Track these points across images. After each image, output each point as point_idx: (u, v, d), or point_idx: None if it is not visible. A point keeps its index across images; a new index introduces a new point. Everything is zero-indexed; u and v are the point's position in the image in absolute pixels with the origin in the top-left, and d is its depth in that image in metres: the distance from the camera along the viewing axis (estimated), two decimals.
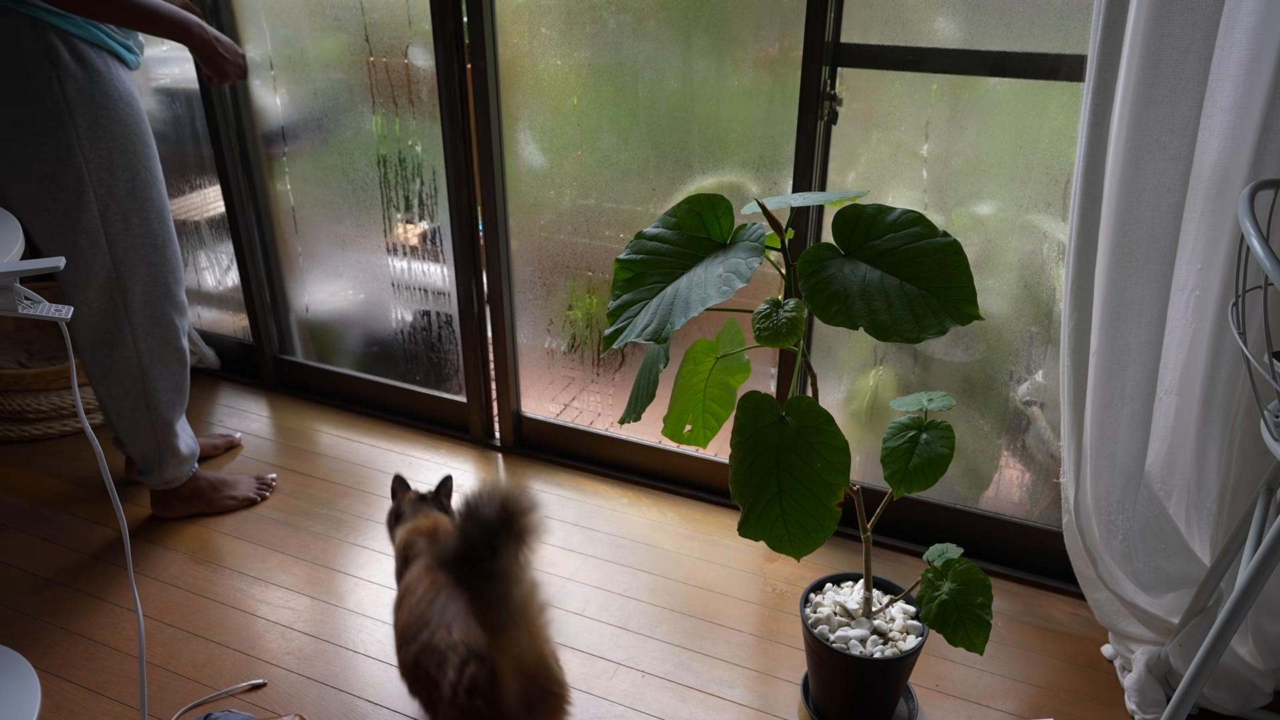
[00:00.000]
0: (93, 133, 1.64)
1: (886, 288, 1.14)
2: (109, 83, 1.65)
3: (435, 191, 2.21)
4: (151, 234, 1.78)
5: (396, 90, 2.14)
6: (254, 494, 2.13)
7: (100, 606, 1.82)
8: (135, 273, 1.78)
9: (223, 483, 2.11)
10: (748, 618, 1.82)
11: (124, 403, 1.88)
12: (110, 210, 1.71)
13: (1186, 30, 1.28)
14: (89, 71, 1.61)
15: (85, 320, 1.79)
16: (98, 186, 1.68)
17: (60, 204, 1.67)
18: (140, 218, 1.75)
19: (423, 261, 2.32)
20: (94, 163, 1.66)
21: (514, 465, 2.31)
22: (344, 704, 1.61)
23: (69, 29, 1.58)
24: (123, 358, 1.84)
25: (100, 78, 1.63)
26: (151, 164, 1.76)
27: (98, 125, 1.64)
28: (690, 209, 1.24)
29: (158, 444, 1.94)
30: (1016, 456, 1.91)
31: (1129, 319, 1.46)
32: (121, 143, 1.68)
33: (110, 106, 1.65)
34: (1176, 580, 1.60)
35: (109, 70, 1.65)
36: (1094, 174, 1.41)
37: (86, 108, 1.62)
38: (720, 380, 1.41)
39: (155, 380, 1.88)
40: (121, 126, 1.68)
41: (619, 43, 1.87)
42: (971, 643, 1.29)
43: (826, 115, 1.74)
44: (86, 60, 1.61)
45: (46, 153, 1.63)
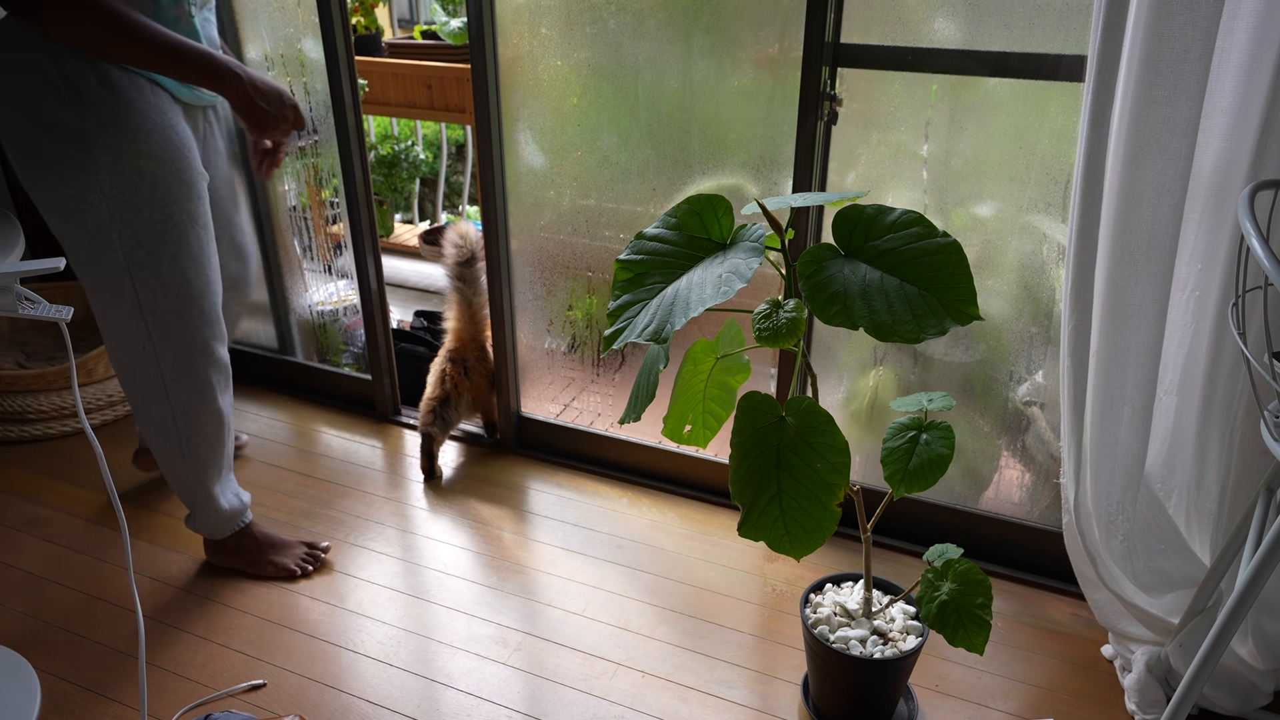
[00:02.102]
0: (115, 168, 1.45)
1: (886, 288, 1.14)
2: (141, 114, 1.46)
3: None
4: (186, 284, 1.58)
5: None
6: (296, 565, 1.92)
7: (100, 606, 1.82)
8: (167, 325, 1.60)
9: (270, 544, 1.93)
10: (748, 618, 1.82)
11: (162, 450, 1.75)
12: (136, 255, 1.52)
13: (1186, 30, 1.28)
14: (117, 100, 1.43)
15: (118, 363, 1.66)
16: (121, 228, 1.49)
17: (82, 244, 1.51)
18: (172, 265, 1.55)
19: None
20: (116, 201, 1.47)
21: (514, 465, 2.32)
22: (344, 704, 1.61)
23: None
24: (157, 412, 1.69)
25: (129, 108, 1.44)
26: (190, 205, 1.55)
27: (121, 159, 1.45)
28: (690, 209, 1.24)
29: (193, 493, 1.81)
30: (1016, 456, 1.91)
31: (1129, 319, 1.46)
32: (151, 181, 1.48)
33: (140, 139, 1.46)
34: (1176, 580, 1.60)
35: (144, 99, 1.46)
36: (1094, 174, 1.41)
37: (110, 140, 1.44)
38: (720, 380, 1.41)
39: (190, 439, 1.73)
40: (152, 162, 1.48)
41: (619, 43, 1.87)
42: (971, 643, 1.29)
43: (826, 115, 1.74)
44: (116, 88, 1.43)
45: (68, 186, 1.45)
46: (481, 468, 2.31)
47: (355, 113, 2.17)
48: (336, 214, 2.45)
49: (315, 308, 2.59)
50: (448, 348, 2.28)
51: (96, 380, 2.43)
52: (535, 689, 1.64)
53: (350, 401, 2.57)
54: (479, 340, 2.27)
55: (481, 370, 2.29)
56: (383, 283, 2.38)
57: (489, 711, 1.59)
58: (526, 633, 1.77)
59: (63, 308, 1.22)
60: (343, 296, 2.58)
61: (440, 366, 2.28)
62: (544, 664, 1.70)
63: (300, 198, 2.44)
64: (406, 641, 1.75)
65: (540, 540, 2.04)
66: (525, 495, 2.20)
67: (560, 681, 1.66)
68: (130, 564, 1.40)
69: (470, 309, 2.23)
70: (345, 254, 2.43)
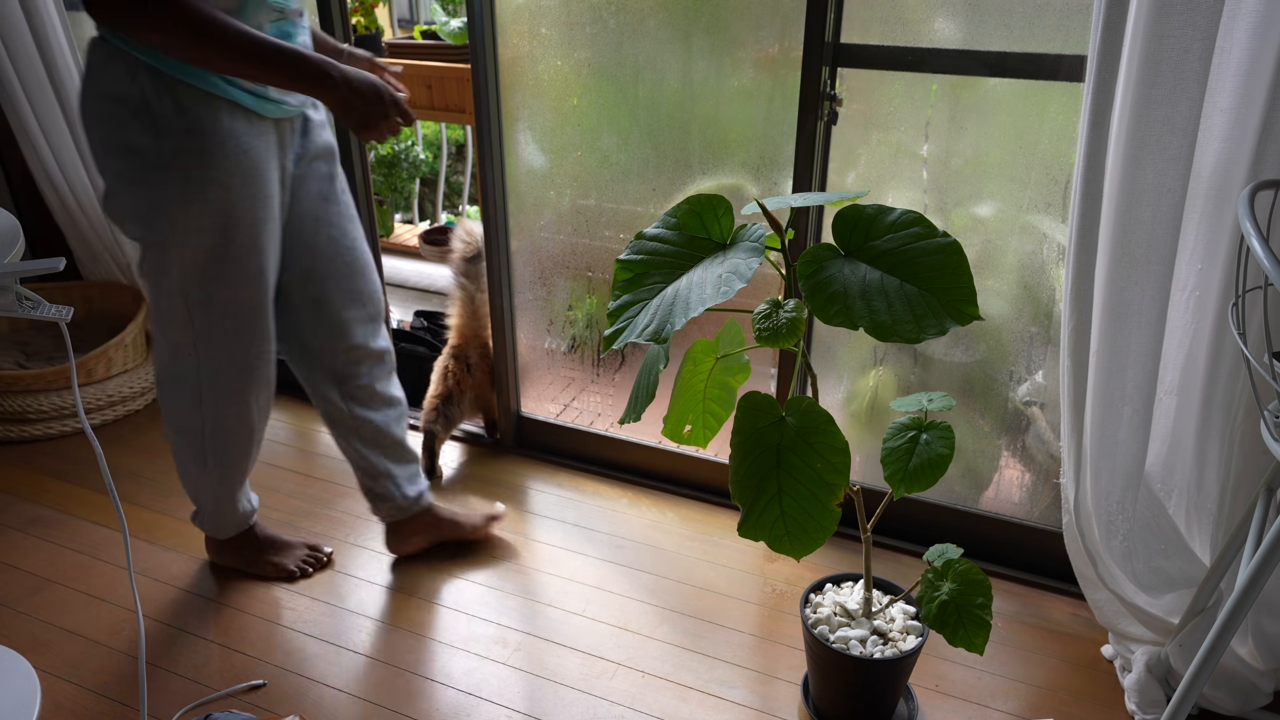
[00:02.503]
0: (185, 194, 1.42)
1: (886, 288, 1.14)
2: (215, 140, 1.41)
3: None
4: (239, 305, 1.57)
5: None
6: (296, 567, 1.91)
7: (100, 606, 1.82)
8: (214, 341, 1.59)
9: (272, 545, 1.93)
10: (748, 618, 1.82)
11: (182, 451, 1.73)
12: (191, 277, 1.51)
13: (1186, 30, 1.28)
14: (191, 126, 1.39)
15: (161, 366, 1.66)
16: (182, 249, 1.48)
17: (148, 260, 1.52)
18: (230, 287, 1.54)
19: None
20: (181, 226, 1.45)
21: (514, 465, 2.31)
22: (344, 704, 1.61)
23: (176, 74, 1.36)
24: (187, 417, 1.68)
25: (203, 135, 1.40)
26: (254, 231, 1.51)
27: (190, 186, 1.42)
28: (690, 209, 1.24)
29: (206, 495, 1.80)
30: (1016, 457, 1.91)
31: (1129, 319, 1.46)
32: (218, 205, 1.45)
33: (211, 165, 1.42)
34: (1176, 580, 1.60)
35: (218, 125, 1.41)
36: (1094, 174, 1.41)
37: (182, 167, 1.41)
38: (720, 380, 1.41)
39: (216, 447, 1.72)
40: (221, 189, 1.44)
41: (619, 43, 1.87)
42: (971, 643, 1.29)
43: (826, 115, 1.74)
44: (189, 111, 1.38)
45: (138, 209, 1.45)
46: (481, 468, 2.31)
47: None
48: None
49: None
50: (451, 344, 2.29)
51: (96, 380, 2.43)
52: (535, 689, 1.64)
53: None
54: (481, 337, 2.28)
55: (484, 367, 2.29)
56: (383, 282, 2.38)
57: (489, 711, 1.59)
58: (526, 633, 1.77)
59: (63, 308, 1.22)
60: None
61: (443, 364, 2.28)
62: (544, 664, 1.70)
63: None
64: (406, 641, 1.75)
65: (540, 540, 2.04)
66: (525, 495, 2.20)
67: (560, 681, 1.66)
68: (130, 564, 1.40)
69: (473, 305, 2.24)
70: None
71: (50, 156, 2.50)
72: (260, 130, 1.47)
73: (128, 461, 2.30)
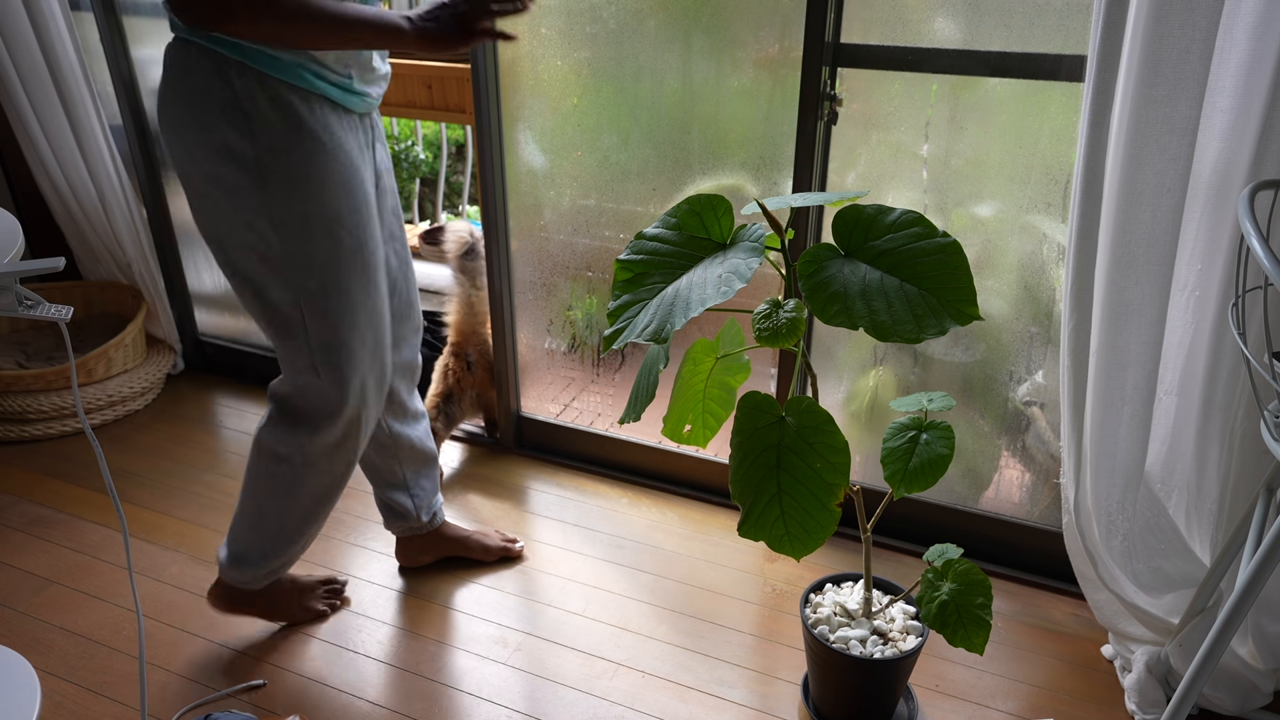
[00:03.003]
0: (287, 198, 1.36)
1: (886, 288, 1.14)
2: (313, 135, 1.36)
3: None
4: (353, 311, 1.48)
5: None
6: (322, 605, 1.82)
7: (100, 606, 1.82)
8: (335, 357, 1.48)
9: (296, 588, 1.80)
10: (748, 618, 1.82)
11: (270, 484, 1.59)
12: (307, 286, 1.42)
13: (1186, 30, 1.28)
14: (289, 121, 1.34)
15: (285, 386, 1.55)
16: (292, 257, 1.40)
17: (253, 272, 1.42)
18: (341, 294, 1.45)
19: None
20: (287, 230, 1.38)
21: (514, 465, 2.31)
22: (344, 704, 1.61)
23: (269, 71, 1.31)
24: (300, 440, 1.55)
25: (301, 130, 1.35)
26: (359, 229, 1.44)
27: (294, 188, 1.36)
28: (690, 209, 1.24)
29: (274, 542, 1.65)
30: (1016, 456, 1.91)
31: (1129, 319, 1.47)
32: (320, 204, 1.39)
33: (312, 165, 1.37)
34: (1176, 580, 1.60)
35: (315, 118, 1.36)
36: (1094, 174, 1.41)
37: (283, 165, 1.35)
38: (720, 380, 1.41)
39: (315, 477, 1.59)
40: (323, 188, 1.38)
41: (619, 43, 1.87)
42: (971, 643, 1.29)
43: (826, 115, 1.74)
44: (288, 108, 1.33)
45: (241, 215, 1.37)
46: (481, 467, 2.31)
47: None
48: None
49: None
50: (450, 342, 2.30)
51: (96, 380, 2.43)
52: (535, 689, 1.64)
53: None
54: (480, 334, 2.28)
55: (484, 365, 2.29)
56: None
57: (489, 711, 1.59)
58: (526, 633, 1.77)
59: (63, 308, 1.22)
60: None
61: (443, 362, 2.29)
62: (544, 664, 1.70)
63: None
64: (406, 641, 1.75)
65: (540, 540, 2.04)
66: (525, 495, 2.20)
67: (560, 681, 1.66)
68: (130, 564, 1.40)
69: (470, 302, 2.24)
70: None
71: (50, 156, 2.50)
72: (349, 125, 1.43)
73: (128, 461, 2.30)
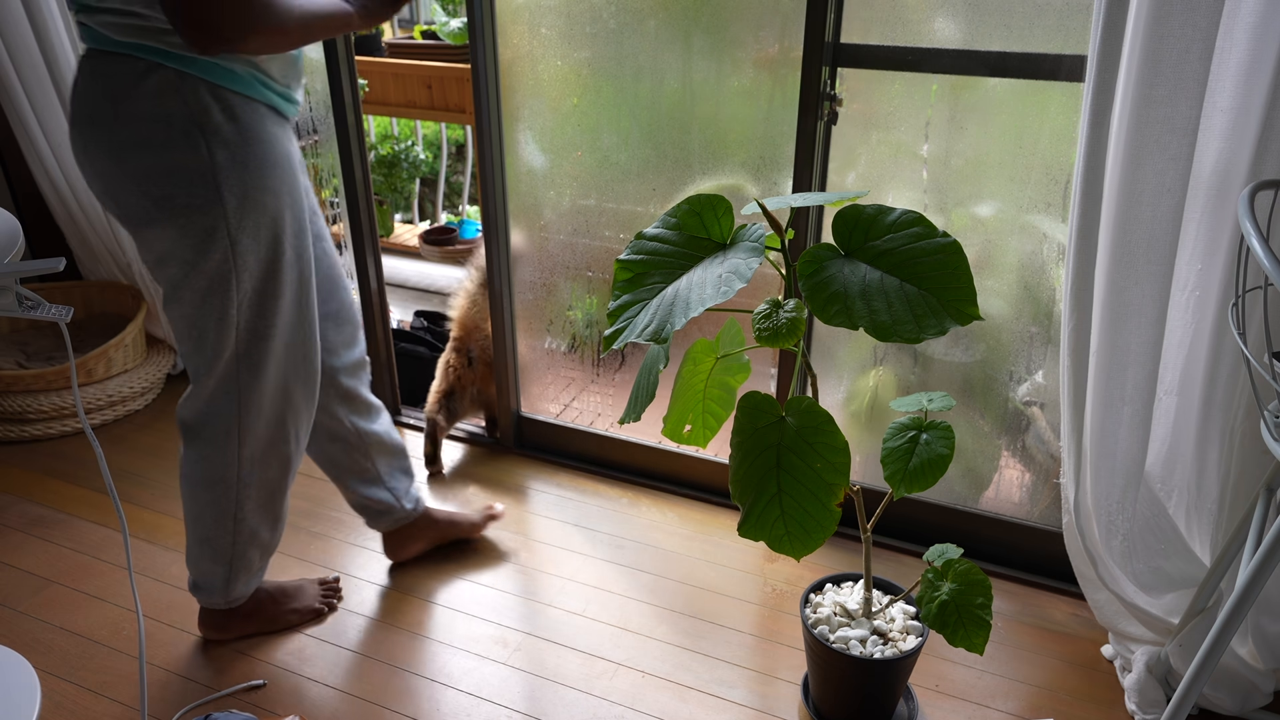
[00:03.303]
0: (241, 208, 1.36)
1: (886, 288, 1.14)
2: (264, 145, 1.37)
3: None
4: (284, 323, 1.49)
5: None
6: (319, 603, 1.81)
7: (100, 606, 1.83)
8: (260, 367, 1.49)
9: (284, 593, 1.79)
10: (748, 618, 1.82)
11: (207, 509, 1.58)
12: (246, 295, 1.43)
13: (1186, 30, 1.28)
14: (243, 134, 1.34)
15: (193, 413, 1.53)
16: (239, 270, 1.40)
17: (199, 292, 1.41)
18: (276, 304, 1.46)
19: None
20: (242, 244, 1.39)
21: (514, 465, 2.32)
22: (344, 704, 1.61)
23: (223, 83, 1.31)
24: (219, 459, 1.54)
25: (255, 140, 1.36)
26: (299, 241, 1.46)
27: (248, 199, 1.37)
28: (690, 209, 1.24)
29: (230, 560, 1.63)
30: (1016, 456, 1.91)
31: (1129, 319, 1.47)
32: (271, 216, 1.40)
33: (264, 174, 1.37)
34: (1176, 580, 1.60)
35: (264, 129, 1.37)
36: (1094, 174, 1.41)
37: (238, 178, 1.35)
38: (720, 380, 1.41)
39: (249, 488, 1.58)
40: (274, 197, 1.39)
41: (619, 43, 1.87)
42: (971, 643, 1.29)
43: (826, 115, 1.74)
44: (241, 119, 1.34)
45: (191, 236, 1.36)
46: (481, 467, 2.31)
47: (355, 113, 2.17)
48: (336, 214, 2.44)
49: None
50: (453, 337, 2.32)
51: (96, 380, 2.43)
52: (535, 689, 1.64)
53: None
54: (484, 329, 2.29)
55: (485, 360, 2.32)
56: (383, 283, 2.38)
57: (489, 711, 1.59)
58: (526, 633, 1.77)
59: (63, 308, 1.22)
60: None
61: (445, 358, 2.31)
62: (544, 664, 1.70)
63: None
64: (406, 641, 1.75)
65: (540, 540, 2.04)
66: (525, 495, 2.20)
67: (560, 681, 1.66)
68: (130, 564, 1.40)
69: (476, 298, 2.26)
70: (345, 254, 2.43)
71: (50, 156, 2.50)
72: (288, 133, 1.45)
73: (128, 461, 2.30)
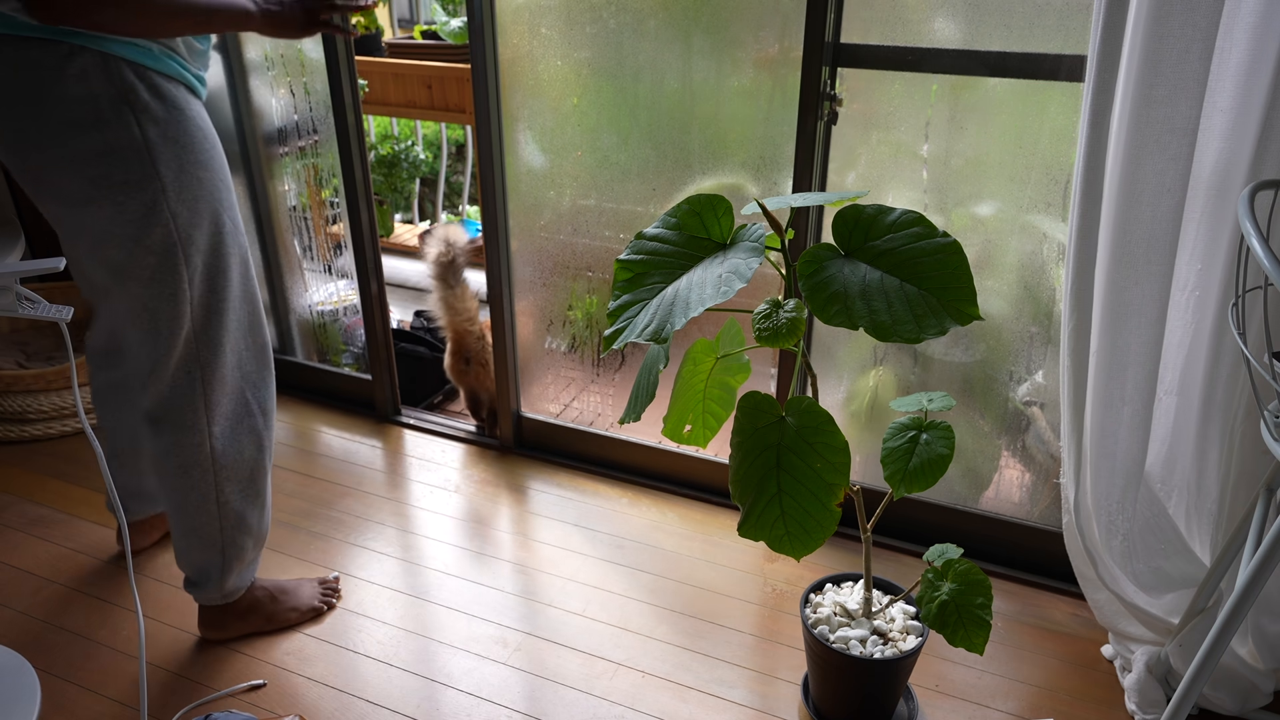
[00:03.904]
0: (179, 183, 1.39)
1: (886, 288, 1.14)
2: (191, 121, 1.41)
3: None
4: (234, 295, 1.52)
5: None
6: (318, 602, 1.81)
7: (100, 606, 1.82)
8: (217, 343, 1.51)
9: (282, 591, 1.78)
10: (748, 618, 1.82)
11: (188, 497, 1.58)
12: (196, 271, 1.45)
13: (1186, 30, 1.28)
14: (170, 110, 1.37)
15: (156, 401, 1.52)
16: (185, 245, 1.42)
17: (146, 269, 1.42)
18: (225, 278, 1.49)
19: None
20: (182, 218, 1.41)
21: (514, 465, 2.32)
22: (344, 704, 1.61)
23: (144, 62, 1.33)
24: (191, 443, 1.54)
25: (183, 116, 1.39)
26: (234, 213, 1.50)
27: (184, 173, 1.40)
28: (690, 209, 1.24)
29: (222, 548, 1.62)
30: (1016, 456, 1.91)
31: (1129, 319, 1.47)
32: (208, 190, 1.43)
33: (195, 149, 1.41)
34: (1176, 580, 1.60)
35: (189, 106, 1.41)
36: (1094, 174, 1.41)
37: (172, 153, 1.38)
38: (720, 380, 1.41)
39: (226, 470, 1.58)
40: (207, 171, 1.43)
41: (619, 43, 1.87)
42: (971, 643, 1.29)
43: (826, 115, 1.74)
44: (166, 97, 1.37)
45: (130, 213, 1.37)
46: (481, 468, 2.31)
47: (355, 113, 2.17)
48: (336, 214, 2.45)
49: (315, 308, 2.59)
50: (449, 346, 2.36)
51: None
52: (535, 689, 1.64)
53: (350, 401, 2.57)
54: (472, 331, 2.33)
55: (480, 360, 2.35)
56: (383, 283, 2.38)
57: (489, 711, 1.59)
58: (526, 633, 1.77)
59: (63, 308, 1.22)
60: (343, 296, 2.58)
61: (448, 363, 2.38)
62: (544, 664, 1.70)
63: (300, 198, 2.44)
64: (406, 641, 1.75)
65: (540, 540, 2.04)
66: (525, 495, 2.20)
67: (560, 681, 1.66)
68: (130, 564, 1.40)
69: (449, 302, 2.28)
70: (345, 254, 2.43)
71: None
72: (206, 114, 1.48)
73: None
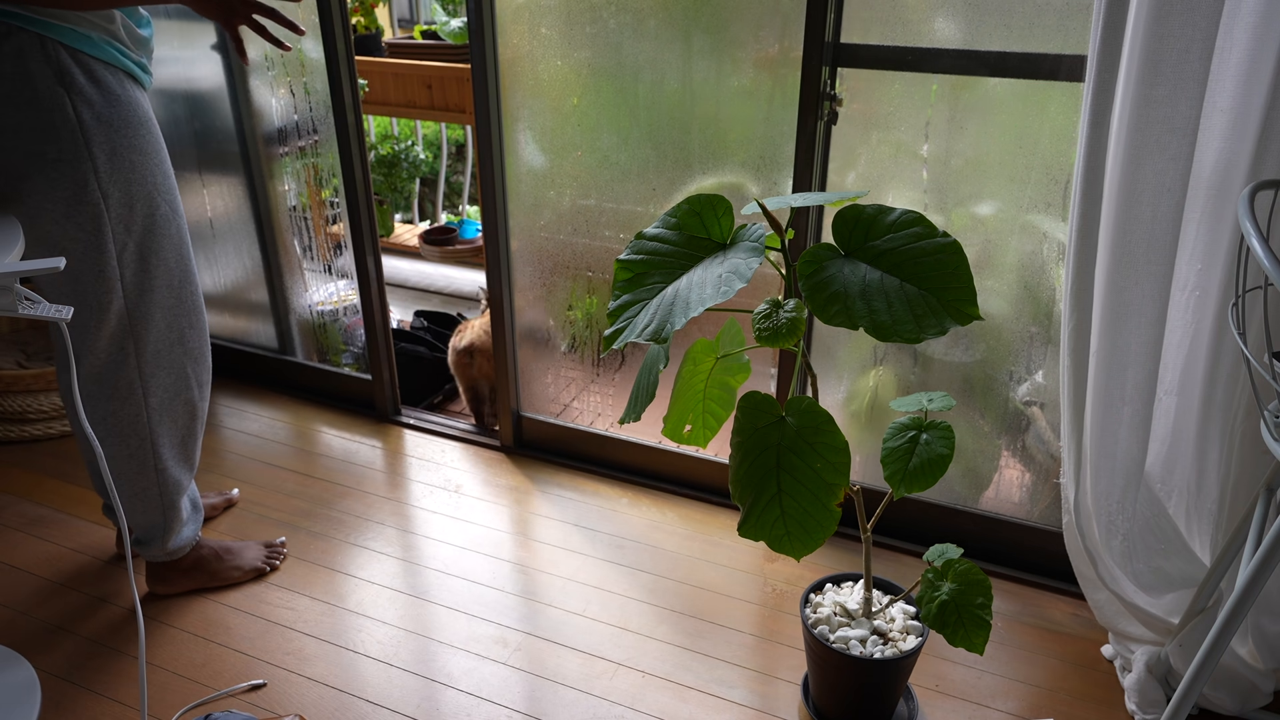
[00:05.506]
0: (111, 164, 1.47)
1: (886, 288, 1.14)
2: (127, 106, 1.48)
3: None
4: (169, 275, 1.60)
5: None
6: (262, 563, 1.91)
7: (100, 606, 1.82)
8: (150, 318, 1.59)
9: (227, 551, 1.89)
10: (748, 618, 1.82)
11: (127, 464, 1.66)
12: (127, 250, 1.53)
13: (1186, 30, 1.28)
14: (106, 95, 1.45)
15: (91, 372, 1.59)
16: (116, 225, 1.50)
17: (77, 244, 1.49)
18: (158, 257, 1.57)
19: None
20: (114, 198, 1.49)
21: (514, 465, 2.32)
22: (344, 704, 1.61)
23: (81, 48, 1.41)
24: (128, 413, 1.63)
25: (118, 101, 1.46)
26: (171, 197, 1.58)
27: (117, 155, 1.47)
28: (690, 209, 1.24)
29: (163, 510, 1.72)
30: (1016, 456, 1.91)
31: (1129, 319, 1.47)
32: (141, 174, 1.51)
33: (130, 133, 1.48)
34: (1176, 580, 1.60)
35: (126, 93, 1.48)
36: (1094, 174, 1.41)
37: (105, 136, 1.45)
38: (720, 380, 1.41)
39: (162, 437, 1.67)
40: (142, 156, 1.51)
41: (619, 43, 1.87)
42: (971, 643, 1.29)
43: (826, 115, 1.74)
44: (102, 82, 1.44)
45: (61, 189, 1.45)
46: (481, 468, 2.31)
47: (355, 113, 2.17)
48: (336, 214, 2.45)
49: (315, 308, 2.59)
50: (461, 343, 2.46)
51: None
52: (535, 689, 1.64)
53: (350, 401, 2.57)
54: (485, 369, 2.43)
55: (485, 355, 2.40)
56: (383, 283, 2.38)
57: (489, 711, 1.59)
58: (526, 633, 1.77)
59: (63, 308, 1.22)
60: (343, 296, 2.58)
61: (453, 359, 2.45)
62: (544, 664, 1.70)
63: (300, 198, 2.44)
64: (406, 641, 1.75)
65: (540, 540, 2.04)
66: (525, 495, 2.20)
67: (560, 681, 1.66)
68: (130, 564, 1.40)
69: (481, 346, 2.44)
70: (345, 254, 2.43)
71: None
72: (148, 101, 1.56)
73: None
